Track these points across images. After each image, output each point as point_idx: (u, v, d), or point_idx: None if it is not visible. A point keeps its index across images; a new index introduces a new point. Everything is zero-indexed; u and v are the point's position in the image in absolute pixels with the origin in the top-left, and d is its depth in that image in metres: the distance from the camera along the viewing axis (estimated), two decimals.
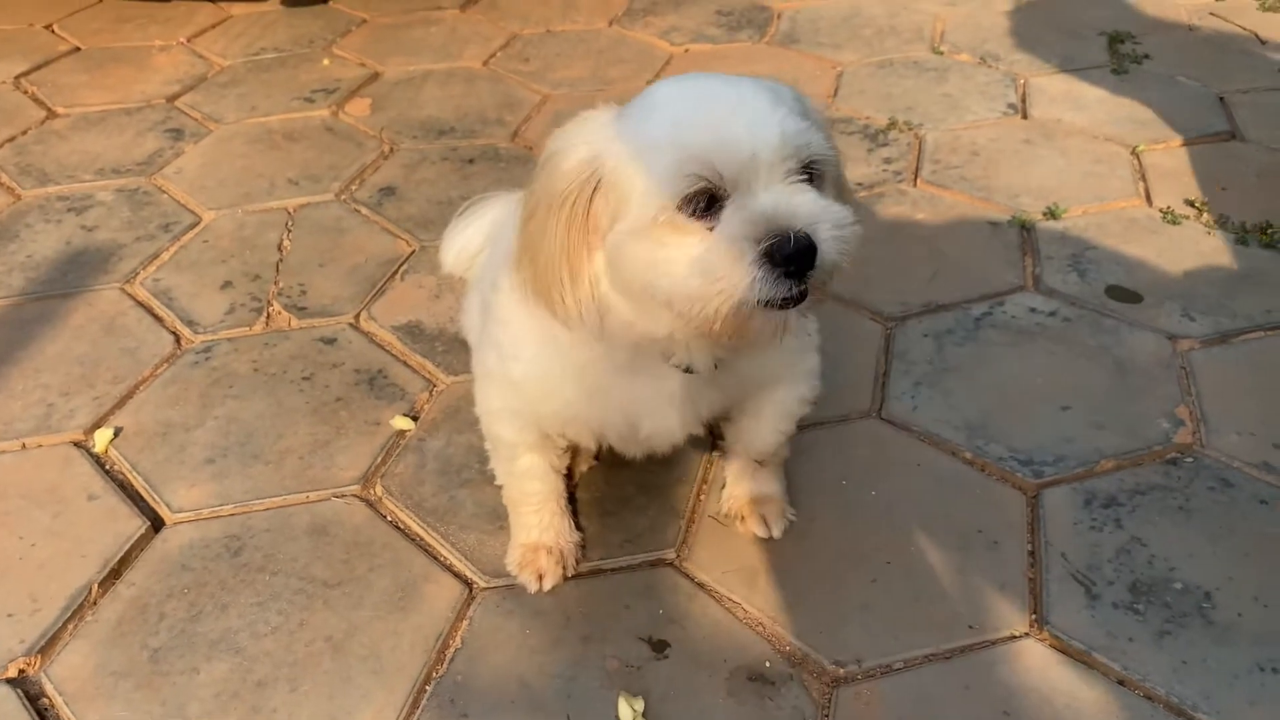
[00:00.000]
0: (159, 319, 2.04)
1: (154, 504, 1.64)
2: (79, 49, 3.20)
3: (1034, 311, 2.03)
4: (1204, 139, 2.63)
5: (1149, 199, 2.39)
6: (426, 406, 1.83)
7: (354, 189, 2.48)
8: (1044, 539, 1.56)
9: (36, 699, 1.36)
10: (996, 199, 2.40)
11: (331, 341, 1.98)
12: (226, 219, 2.36)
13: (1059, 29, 3.30)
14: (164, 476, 1.69)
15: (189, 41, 3.26)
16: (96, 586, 1.50)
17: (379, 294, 2.11)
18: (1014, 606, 1.46)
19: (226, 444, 1.75)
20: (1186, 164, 2.53)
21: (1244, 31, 3.25)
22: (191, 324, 2.03)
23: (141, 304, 2.08)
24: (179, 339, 1.99)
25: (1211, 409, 1.79)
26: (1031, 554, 1.54)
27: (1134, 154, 2.57)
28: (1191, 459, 1.69)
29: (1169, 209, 2.34)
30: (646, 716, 1.32)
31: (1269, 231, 2.23)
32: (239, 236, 2.30)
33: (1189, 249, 2.21)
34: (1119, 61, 3.05)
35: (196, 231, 2.31)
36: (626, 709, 1.32)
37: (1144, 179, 2.47)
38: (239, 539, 1.58)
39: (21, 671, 1.39)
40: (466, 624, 1.44)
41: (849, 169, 2.56)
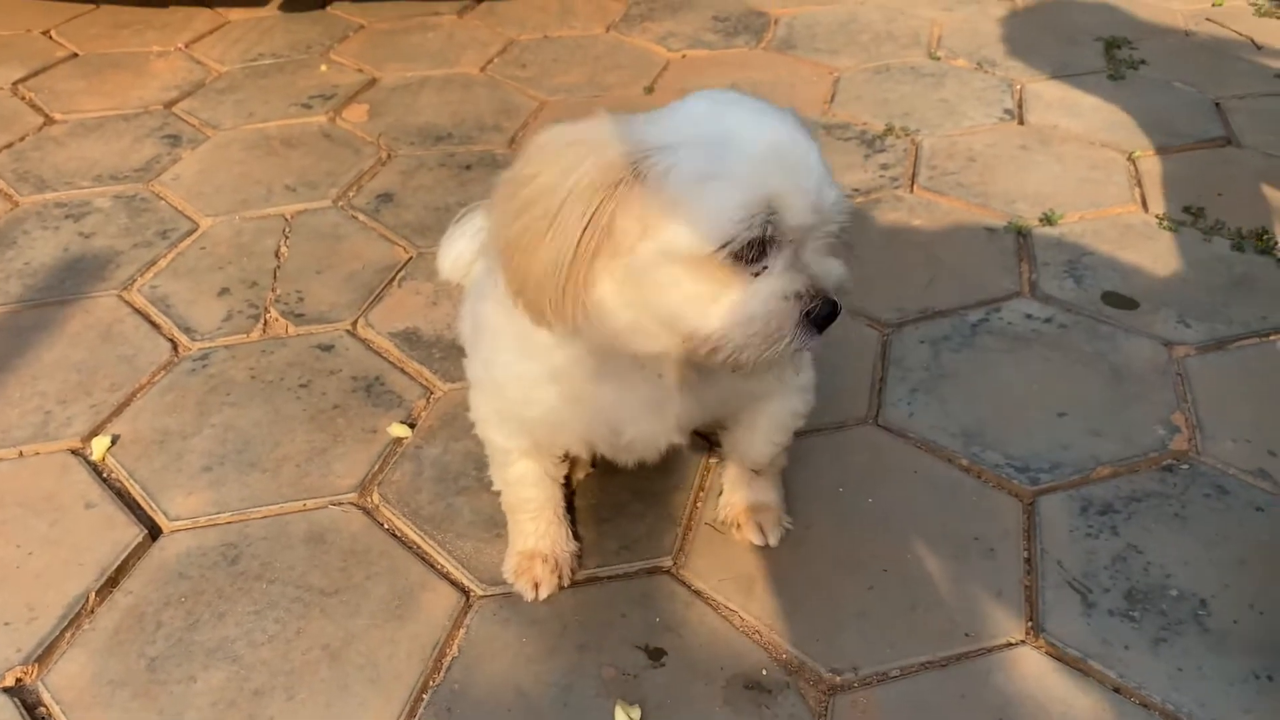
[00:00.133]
0: (156, 326, 2.04)
1: (151, 512, 1.64)
2: (76, 55, 3.21)
3: (1030, 318, 2.04)
4: (1200, 145, 2.64)
5: (1145, 205, 2.40)
6: (423, 414, 1.83)
7: (351, 195, 2.48)
8: (1040, 546, 1.56)
9: (34, 708, 1.36)
10: (993, 205, 2.40)
11: (329, 348, 1.98)
12: (224, 225, 2.36)
13: (1055, 34, 3.31)
14: (161, 484, 1.69)
15: (187, 47, 3.27)
16: (94, 595, 1.50)
17: (376, 301, 2.11)
18: (1010, 614, 1.46)
19: (224, 452, 1.75)
20: (1183, 170, 2.53)
21: (1240, 37, 3.26)
22: (189, 331, 2.03)
23: (139, 311, 2.09)
24: (176, 346, 1.99)
25: (1207, 415, 1.79)
26: (1027, 561, 1.54)
27: (1130, 160, 2.58)
28: (1187, 466, 1.70)
29: (1165, 215, 2.34)
30: None
31: (1265, 237, 2.24)
32: (236, 243, 2.30)
33: (1185, 255, 2.21)
34: (1115, 67, 3.06)
35: (194, 238, 2.31)
36: (623, 717, 1.32)
37: (1140, 185, 2.47)
38: (236, 547, 1.58)
39: (19, 680, 1.39)
40: (463, 632, 1.44)
41: (845, 175, 2.58)
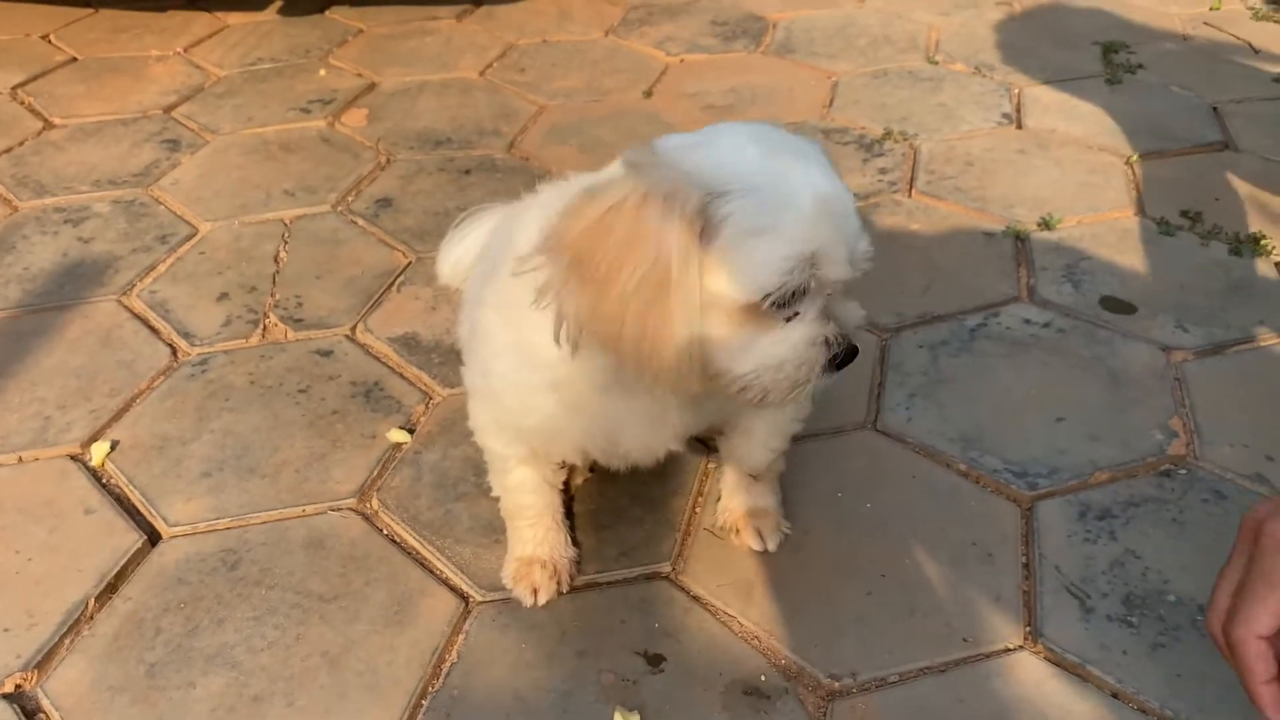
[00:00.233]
0: (155, 331, 2.05)
1: (150, 518, 1.64)
2: (75, 59, 3.21)
3: (1028, 322, 2.04)
4: (1198, 149, 2.65)
5: (1143, 209, 2.40)
6: (423, 419, 1.83)
7: (350, 200, 2.48)
8: (1038, 551, 1.56)
9: (33, 714, 1.36)
10: (991, 209, 2.41)
11: (328, 354, 1.99)
12: (223, 230, 2.36)
13: (1053, 39, 3.31)
14: (160, 490, 1.69)
15: (185, 52, 3.27)
16: (93, 601, 1.50)
17: (375, 306, 2.11)
18: (1008, 619, 1.46)
19: (223, 457, 1.75)
20: (1180, 174, 2.54)
21: (1237, 41, 3.26)
22: (188, 336, 2.03)
23: (138, 316, 2.09)
24: (175, 351, 1.99)
25: (1205, 420, 1.79)
26: (1026, 566, 1.54)
27: (1128, 164, 2.58)
28: (1185, 471, 1.70)
29: (1163, 219, 2.35)
30: None
31: (1262, 242, 2.24)
32: (235, 248, 2.30)
33: (1183, 260, 2.22)
34: (1113, 71, 3.06)
35: (193, 243, 2.32)
36: None
37: (1138, 189, 2.48)
38: (235, 553, 1.58)
39: (18, 687, 1.39)
40: (462, 638, 1.44)
41: (844, 179, 2.58)
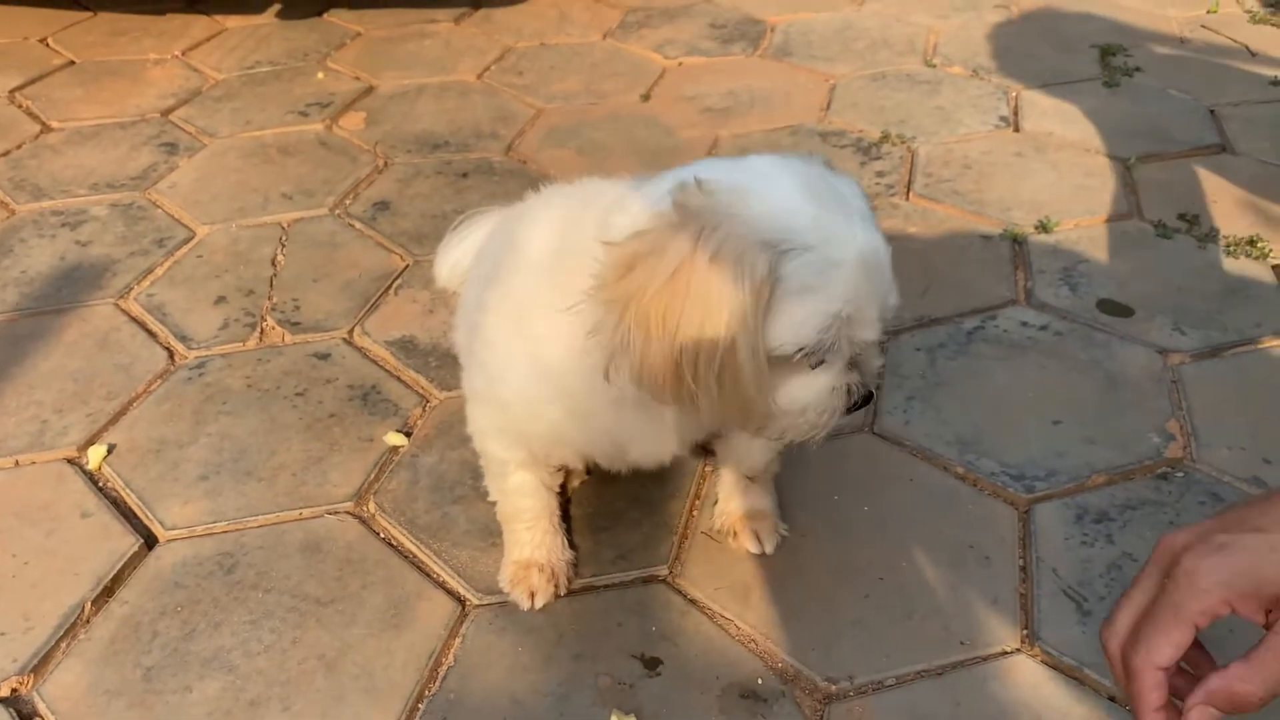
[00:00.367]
0: (153, 335, 2.04)
1: (147, 521, 1.64)
2: (73, 63, 3.21)
3: (1026, 325, 2.04)
4: (1195, 152, 2.65)
5: (1140, 212, 2.40)
6: (420, 422, 1.83)
7: (348, 203, 2.48)
8: (1035, 554, 1.56)
9: (29, 718, 1.36)
10: (989, 212, 2.41)
11: (325, 357, 1.98)
12: (220, 234, 2.36)
13: (1051, 42, 3.32)
14: (157, 494, 1.69)
15: (183, 55, 3.27)
16: (89, 605, 1.50)
17: (373, 309, 2.11)
18: (1005, 622, 1.46)
19: (220, 460, 1.75)
20: (1178, 177, 2.54)
21: (1235, 44, 3.27)
22: (185, 340, 2.03)
23: (135, 319, 2.09)
24: (172, 355, 1.99)
25: (1202, 423, 1.79)
26: (1023, 569, 1.54)
27: (1125, 167, 2.58)
28: (1182, 473, 1.70)
29: (1160, 222, 2.35)
30: None
31: (1259, 245, 2.24)
32: (233, 251, 2.30)
33: (1180, 262, 2.22)
34: (1110, 74, 3.07)
35: (190, 246, 2.32)
36: None
37: (1135, 192, 2.48)
38: (232, 556, 1.58)
39: (14, 690, 1.39)
40: (459, 642, 1.44)
41: None
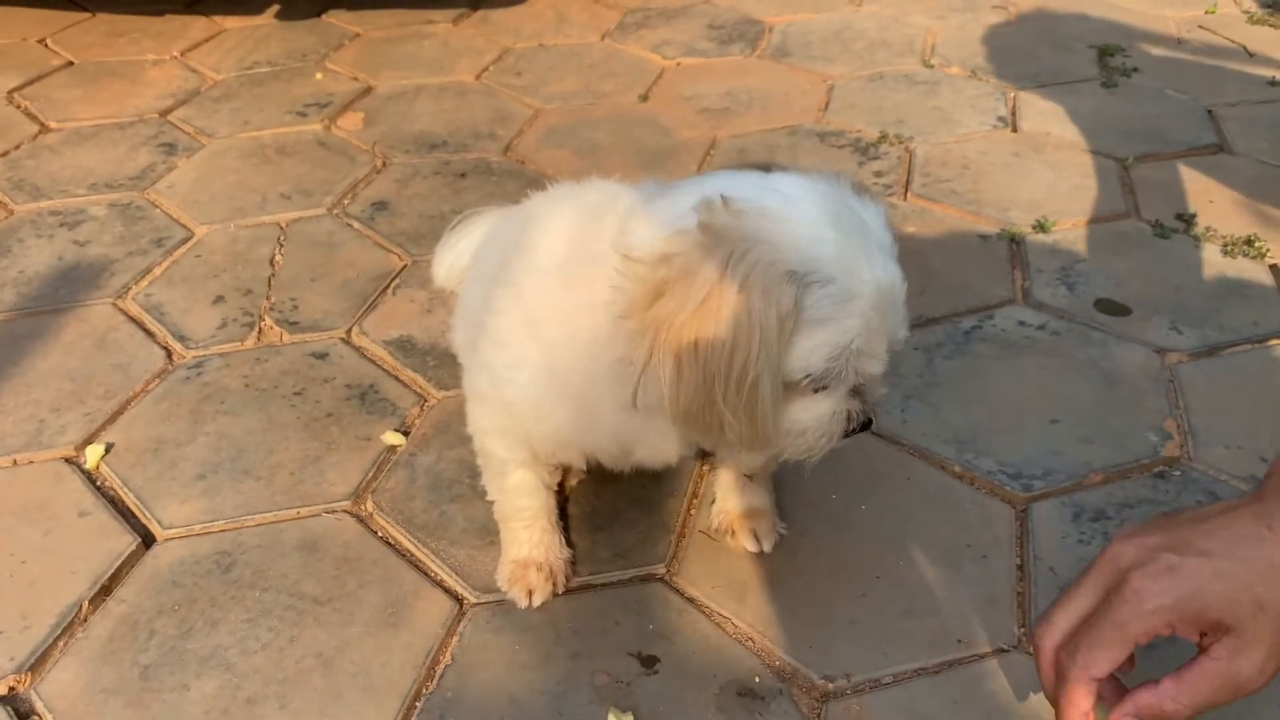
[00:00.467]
0: (151, 334, 2.05)
1: (145, 520, 1.64)
2: (72, 63, 3.21)
3: (1023, 325, 2.04)
4: (1193, 152, 2.65)
5: (1138, 212, 2.41)
6: (417, 421, 1.83)
7: (346, 203, 2.49)
8: (1032, 553, 1.56)
9: (27, 717, 1.36)
10: (986, 212, 2.41)
11: (323, 356, 1.99)
12: (219, 234, 2.37)
13: (1049, 42, 3.32)
14: (155, 493, 1.69)
15: (182, 55, 3.27)
16: (87, 604, 1.50)
17: (370, 309, 2.11)
18: (1003, 620, 1.46)
19: (217, 460, 1.75)
20: (1175, 177, 2.54)
21: (1232, 44, 3.27)
22: (183, 339, 2.03)
23: (133, 319, 2.09)
24: (170, 354, 1.99)
25: (1199, 422, 1.79)
26: (1020, 568, 1.54)
27: (1123, 167, 2.58)
28: (1179, 472, 1.70)
29: (1158, 222, 2.35)
30: None
31: (1256, 244, 2.25)
32: (231, 251, 2.30)
33: (1177, 262, 2.22)
34: (1108, 75, 3.07)
35: (189, 246, 2.32)
36: None
37: (1133, 192, 2.48)
38: (230, 555, 1.58)
39: (12, 689, 1.39)
40: (457, 640, 1.44)
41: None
